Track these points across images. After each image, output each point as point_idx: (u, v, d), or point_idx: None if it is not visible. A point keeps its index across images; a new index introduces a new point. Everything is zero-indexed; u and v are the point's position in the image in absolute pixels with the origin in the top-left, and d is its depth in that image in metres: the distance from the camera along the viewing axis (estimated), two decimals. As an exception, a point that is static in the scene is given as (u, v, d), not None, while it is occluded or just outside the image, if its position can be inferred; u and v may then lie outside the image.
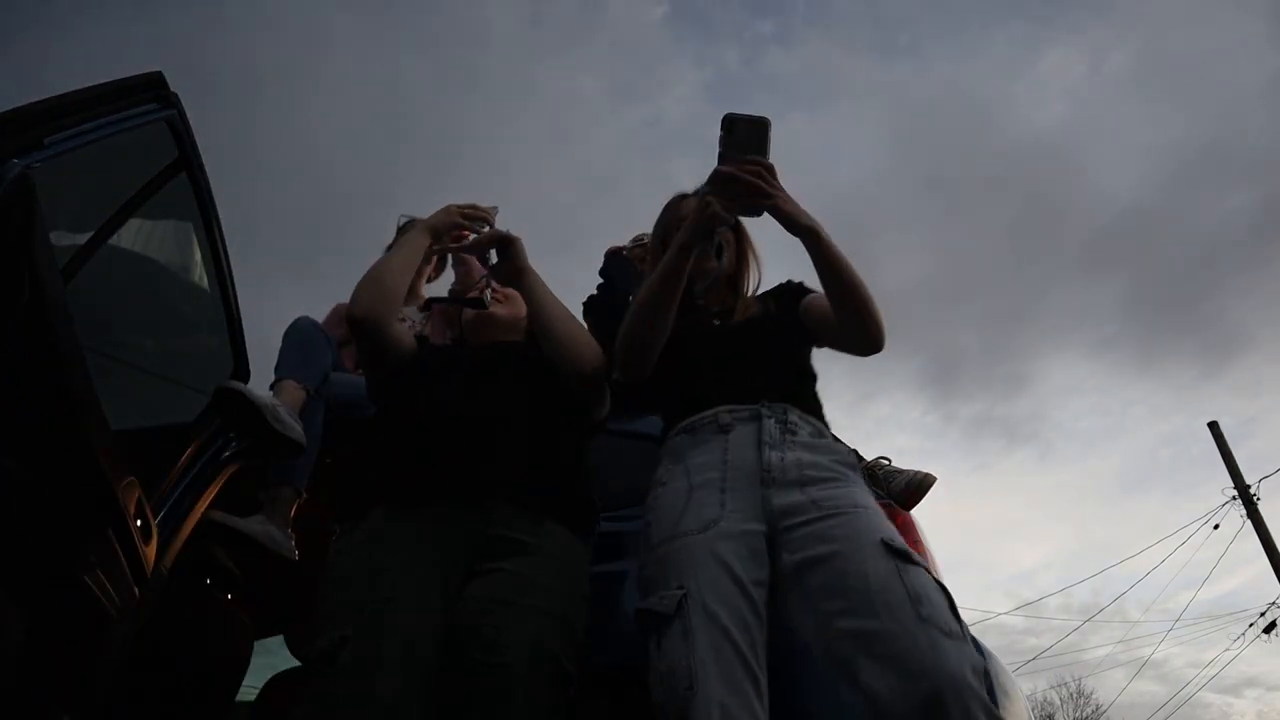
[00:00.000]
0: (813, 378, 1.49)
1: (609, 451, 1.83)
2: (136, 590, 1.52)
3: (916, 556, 1.11)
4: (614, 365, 1.46)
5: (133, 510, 1.44)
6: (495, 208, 1.71)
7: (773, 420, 1.32)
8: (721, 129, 1.30)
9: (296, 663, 3.08)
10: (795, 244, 1.32)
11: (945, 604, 1.06)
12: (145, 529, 1.55)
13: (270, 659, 3.13)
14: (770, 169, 1.29)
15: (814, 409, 1.42)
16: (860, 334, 1.38)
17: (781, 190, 1.29)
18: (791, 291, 1.57)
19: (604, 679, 1.37)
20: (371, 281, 1.48)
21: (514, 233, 1.58)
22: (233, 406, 1.82)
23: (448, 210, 1.60)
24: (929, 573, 1.10)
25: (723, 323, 1.53)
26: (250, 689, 2.79)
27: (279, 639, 3.22)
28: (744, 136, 1.29)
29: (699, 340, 1.48)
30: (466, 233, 1.61)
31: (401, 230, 2.77)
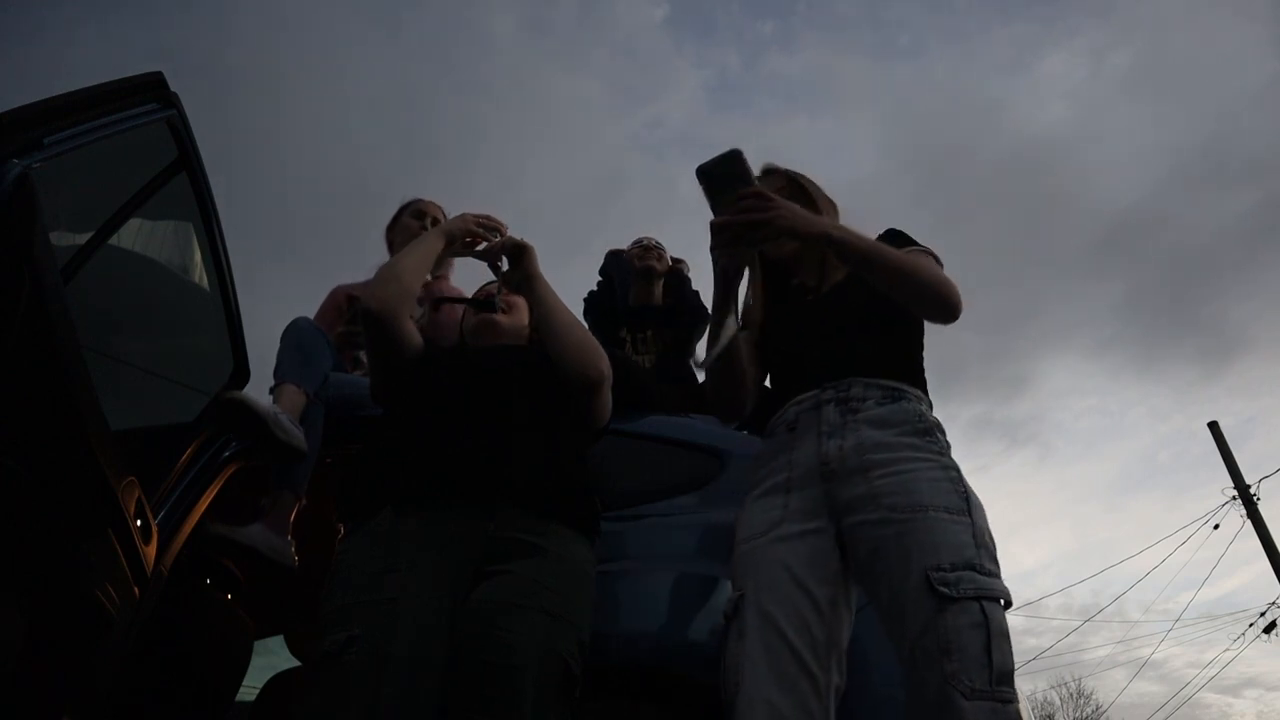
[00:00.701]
0: (901, 333, 1.39)
1: (610, 451, 1.83)
2: (136, 590, 1.52)
3: (968, 584, 1.06)
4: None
5: (133, 510, 1.44)
6: (505, 225, 1.75)
7: (832, 405, 1.28)
8: (700, 184, 1.27)
9: (296, 663, 3.08)
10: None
11: (981, 647, 1.02)
12: (145, 529, 1.55)
13: (270, 659, 3.13)
14: (758, 193, 1.24)
15: (893, 368, 1.32)
16: (923, 311, 1.32)
17: (778, 207, 1.24)
18: (889, 240, 1.44)
19: (605, 679, 1.37)
20: (388, 277, 1.52)
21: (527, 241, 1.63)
22: (237, 416, 1.84)
23: (463, 218, 1.66)
24: (979, 600, 1.05)
25: (814, 298, 1.48)
26: (250, 689, 2.79)
27: (279, 639, 3.22)
28: (722, 178, 1.26)
29: (779, 331, 1.47)
30: (479, 240, 1.65)
31: (404, 209, 2.77)
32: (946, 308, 1.28)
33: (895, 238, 1.46)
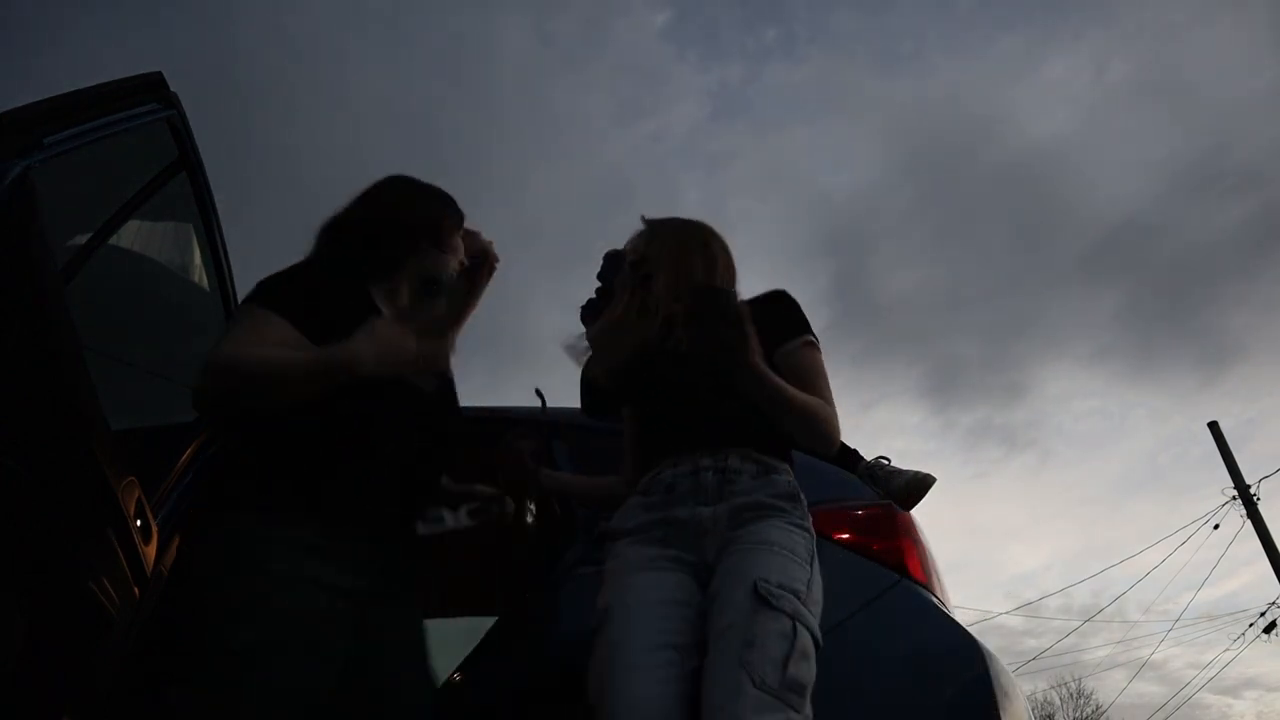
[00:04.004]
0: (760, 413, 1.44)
1: (612, 452, 1.83)
2: (136, 590, 1.52)
3: (787, 602, 1.13)
4: None
5: (133, 510, 1.44)
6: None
7: (710, 473, 1.32)
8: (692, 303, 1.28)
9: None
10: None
11: (781, 655, 1.08)
12: (145, 529, 1.55)
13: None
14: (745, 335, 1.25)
15: (766, 442, 1.37)
16: (805, 445, 1.40)
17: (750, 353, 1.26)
18: (775, 318, 1.45)
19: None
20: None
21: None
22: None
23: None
24: (793, 619, 1.12)
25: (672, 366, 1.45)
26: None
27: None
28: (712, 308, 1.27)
29: (656, 380, 1.45)
30: None
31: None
32: (827, 444, 1.36)
33: (784, 310, 1.46)
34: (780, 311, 1.47)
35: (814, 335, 1.45)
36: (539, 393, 1.62)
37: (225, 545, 1.19)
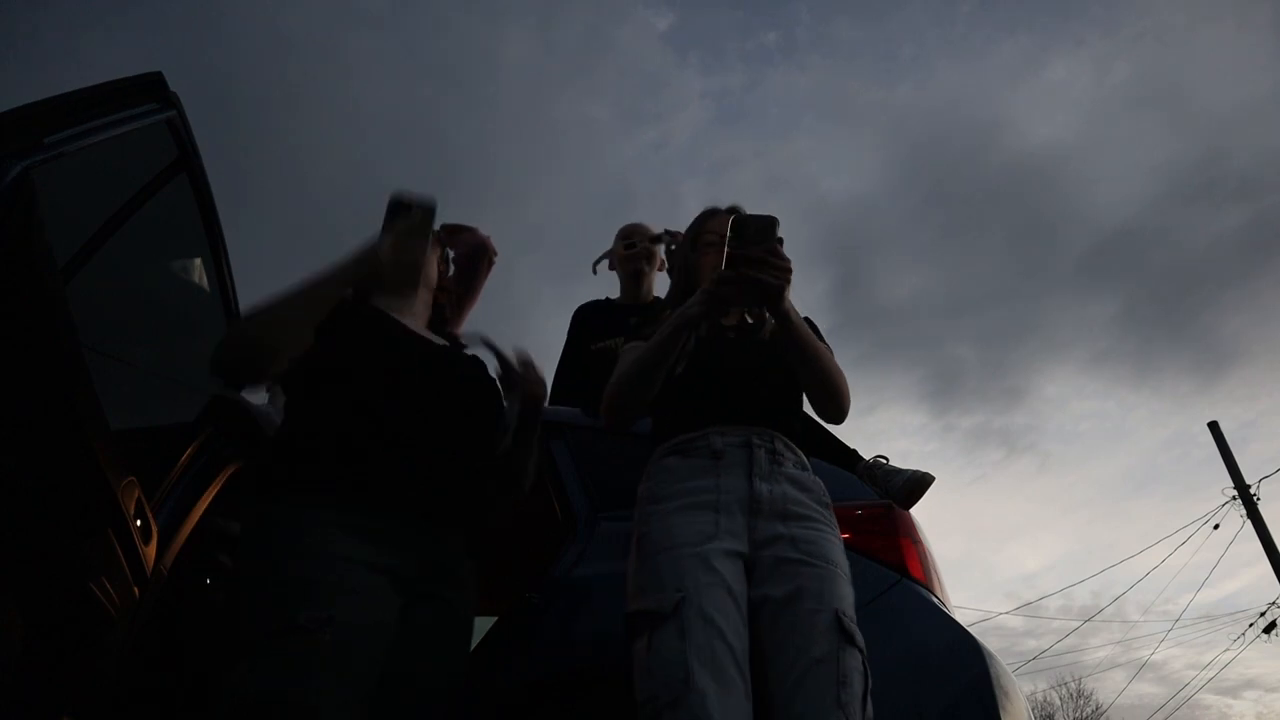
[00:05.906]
0: (801, 405, 1.51)
1: (609, 451, 1.83)
2: (136, 590, 1.53)
3: (859, 638, 1.18)
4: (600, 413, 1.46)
5: (132, 510, 1.44)
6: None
7: (763, 450, 1.36)
8: (730, 229, 1.26)
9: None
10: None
11: (862, 691, 1.14)
12: (145, 529, 1.55)
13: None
14: (784, 260, 1.25)
15: (798, 438, 1.44)
16: (821, 404, 1.42)
17: (788, 279, 1.26)
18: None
19: (607, 680, 1.37)
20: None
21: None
22: (228, 415, 1.86)
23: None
24: (862, 654, 1.17)
25: (737, 336, 1.53)
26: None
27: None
28: (755, 233, 1.25)
29: (705, 353, 1.46)
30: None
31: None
32: (840, 410, 1.41)
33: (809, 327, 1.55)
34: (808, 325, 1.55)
35: (829, 347, 1.50)
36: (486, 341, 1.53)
37: (275, 527, 1.12)
